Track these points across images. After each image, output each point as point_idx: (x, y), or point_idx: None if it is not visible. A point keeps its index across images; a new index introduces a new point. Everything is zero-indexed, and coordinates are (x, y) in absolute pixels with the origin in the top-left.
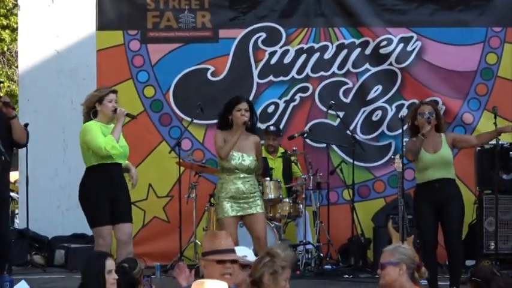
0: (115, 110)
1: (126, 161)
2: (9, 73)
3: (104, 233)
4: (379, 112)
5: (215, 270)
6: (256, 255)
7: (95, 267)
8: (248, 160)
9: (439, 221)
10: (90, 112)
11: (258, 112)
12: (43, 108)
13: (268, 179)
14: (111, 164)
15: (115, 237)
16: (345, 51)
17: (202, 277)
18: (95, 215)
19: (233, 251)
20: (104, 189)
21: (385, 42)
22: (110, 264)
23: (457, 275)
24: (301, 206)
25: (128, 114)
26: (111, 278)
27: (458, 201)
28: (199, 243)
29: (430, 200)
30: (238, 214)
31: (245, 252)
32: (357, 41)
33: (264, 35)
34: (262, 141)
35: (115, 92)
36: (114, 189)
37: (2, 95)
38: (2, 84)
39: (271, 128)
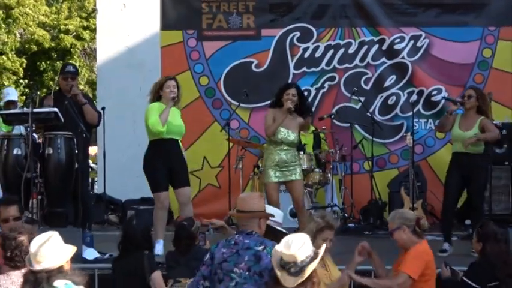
0: (173, 98)
1: None
2: (90, 65)
3: (160, 198)
4: (394, 97)
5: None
6: (295, 213)
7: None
8: (292, 136)
9: (464, 186)
10: (155, 97)
11: None
12: (117, 94)
13: (302, 152)
14: (167, 139)
15: (177, 200)
16: (365, 47)
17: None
18: (153, 182)
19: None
20: (160, 160)
21: (398, 40)
22: None
23: None
24: (329, 175)
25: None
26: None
27: (482, 172)
28: None
29: (458, 169)
30: (281, 180)
31: (274, 212)
32: (375, 39)
33: (298, 33)
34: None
35: (171, 78)
36: (171, 160)
37: (74, 84)
38: (83, 76)
39: None
